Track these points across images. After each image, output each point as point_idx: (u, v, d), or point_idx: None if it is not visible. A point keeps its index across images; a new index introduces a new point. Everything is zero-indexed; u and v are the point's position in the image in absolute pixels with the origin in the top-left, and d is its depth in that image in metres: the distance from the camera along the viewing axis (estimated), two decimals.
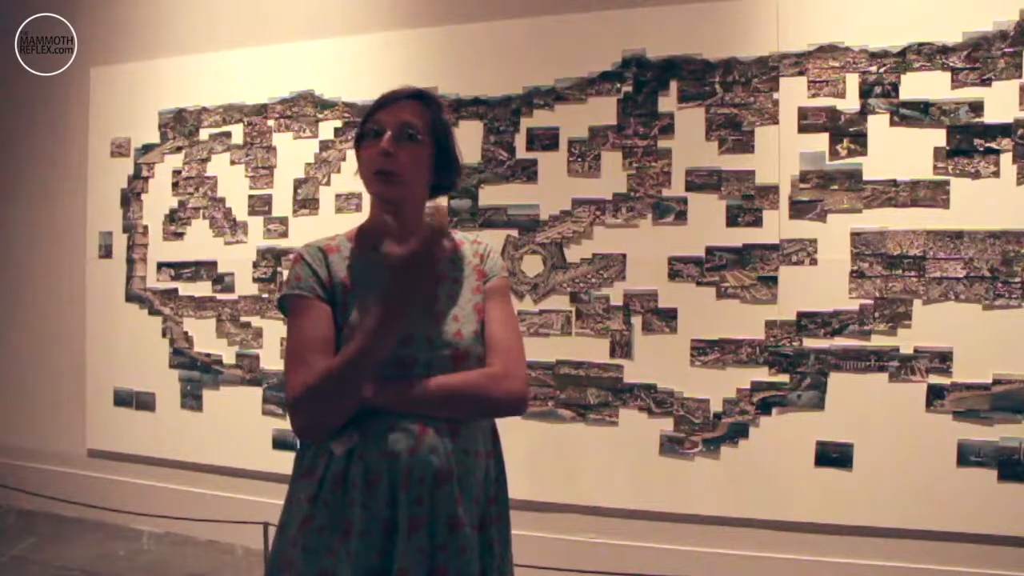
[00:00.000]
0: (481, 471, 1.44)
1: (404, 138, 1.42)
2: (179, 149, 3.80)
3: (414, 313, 1.37)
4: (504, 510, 1.50)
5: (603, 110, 3.09)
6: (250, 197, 3.64)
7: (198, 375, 3.72)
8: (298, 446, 1.47)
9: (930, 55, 2.73)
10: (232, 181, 3.68)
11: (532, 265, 3.17)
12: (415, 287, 1.30)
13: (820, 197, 2.83)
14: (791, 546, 2.84)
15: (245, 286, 3.64)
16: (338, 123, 3.49)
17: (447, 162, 1.49)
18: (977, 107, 2.68)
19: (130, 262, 3.89)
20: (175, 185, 3.81)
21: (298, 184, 3.55)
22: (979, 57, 2.67)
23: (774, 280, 2.88)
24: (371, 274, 1.43)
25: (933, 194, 2.72)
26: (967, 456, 2.66)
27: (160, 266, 3.83)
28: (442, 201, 1.57)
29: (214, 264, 3.71)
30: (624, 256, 3.06)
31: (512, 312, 1.53)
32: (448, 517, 1.35)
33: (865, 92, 2.79)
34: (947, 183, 2.71)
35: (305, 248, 1.48)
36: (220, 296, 3.69)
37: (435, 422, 1.37)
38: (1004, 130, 2.65)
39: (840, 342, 2.80)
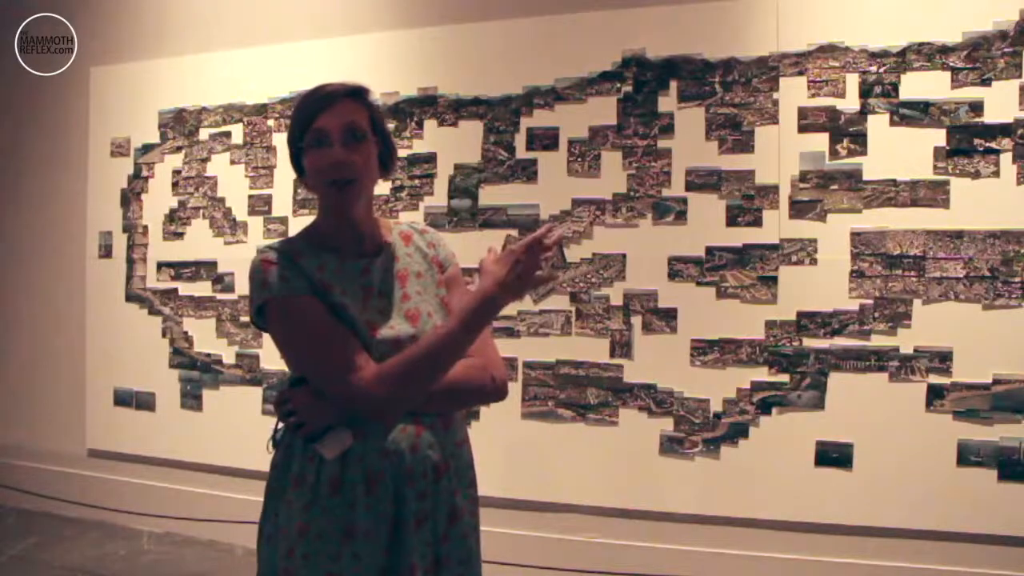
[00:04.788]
0: (466, 458, 1.49)
1: (351, 140, 1.40)
2: (179, 149, 3.80)
3: (395, 315, 1.40)
4: (476, 492, 1.54)
5: (603, 110, 3.09)
6: (250, 197, 3.64)
7: (198, 375, 3.71)
8: (277, 457, 1.44)
9: (930, 55, 2.73)
10: (232, 181, 3.68)
11: None
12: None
13: (820, 197, 2.83)
14: (791, 546, 2.84)
15: (245, 286, 3.61)
16: None
17: (389, 152, 1.50)
18: (977, 107, 2.68)
19: (130, 262, 3.89)
20: (175, 185, 3.80)
21: (298, 184, 3.54)
22: (979, 57, 2.67)
23: (774, 280, 2.88)
24: (346, 278, 1.42)
25: (933, 194, 2.72)
26: (967, 456, 2.66)
27: (160, 266, 3.82)
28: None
29: (214, 264, 3.71)
30: (624, 256, 3.06)
31: None
32: (448, 508, 1.40)
33: (865, 92, 2.79)
34: (947, 183, 2.71)
35: (269, 252, 1.43)
36: (220, 296, 3.69)
37: (428, 418, 1.40)
38: (1004, 130, 2.65)
39: (840, 342, 2.80)
